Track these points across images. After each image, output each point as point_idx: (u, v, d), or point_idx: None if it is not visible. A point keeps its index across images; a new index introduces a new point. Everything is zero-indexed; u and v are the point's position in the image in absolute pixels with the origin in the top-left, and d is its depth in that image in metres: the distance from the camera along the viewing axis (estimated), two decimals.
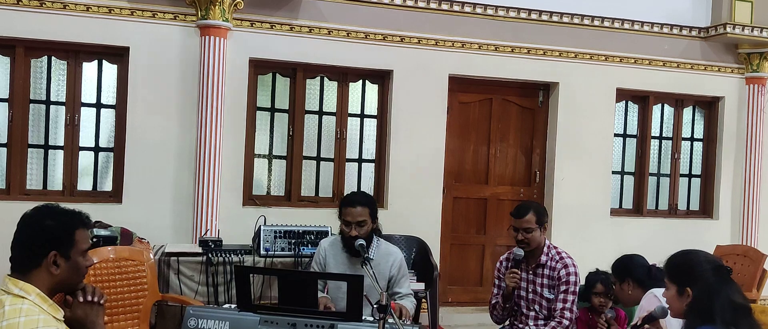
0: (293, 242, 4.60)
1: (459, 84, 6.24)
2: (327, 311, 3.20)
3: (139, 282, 3.93)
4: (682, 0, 6.70)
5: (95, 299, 2.20)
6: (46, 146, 5.38)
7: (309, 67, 5.87)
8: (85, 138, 5.44)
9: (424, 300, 4.79)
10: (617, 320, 3.51)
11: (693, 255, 2.56)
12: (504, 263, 3.89)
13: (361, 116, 6.11)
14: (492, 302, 3.87)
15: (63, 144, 5.39)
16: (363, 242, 3.46)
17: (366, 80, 6.10)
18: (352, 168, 6.11)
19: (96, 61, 5.45)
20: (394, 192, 5.98)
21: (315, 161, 6.01)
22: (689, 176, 7.12)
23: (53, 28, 5.15)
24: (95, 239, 4.20)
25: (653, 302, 2.97)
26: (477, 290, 6.43)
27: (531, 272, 3.74)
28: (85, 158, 5.46)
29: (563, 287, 3.62)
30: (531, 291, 3.74)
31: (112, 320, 3.73)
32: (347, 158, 6.07)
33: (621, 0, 6.48)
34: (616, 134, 6.75)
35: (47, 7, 5.12)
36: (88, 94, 5.43)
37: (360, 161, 6.13)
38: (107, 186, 5.52)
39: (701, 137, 7.13)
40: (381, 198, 6.01)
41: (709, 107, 7.09)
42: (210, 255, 4.45)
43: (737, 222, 6.92)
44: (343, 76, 6.01)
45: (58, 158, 5.41)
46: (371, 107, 6.14)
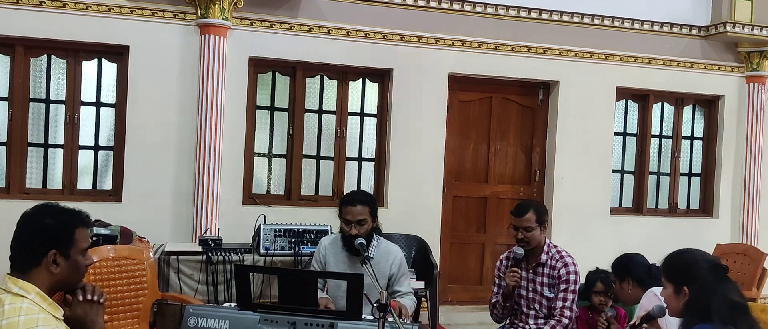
0: (293, 241, 4.60)
1: (459, 83, 6.24)
2: (327, 310, 3.20)
3: (139, 281, 3.92)
4: None
5: (95, 298, 2.20)
6: (45, 145, 5.38)
7: (309, 66, 5.86)
8: (85, 137, 5.44)
9: (424, 299, 4.79)
10: (617, 319, 3.51)
11: (689, 253, 2.56)
12: (504, 262, 3.89)
13: (361, 114, 6.11)
14: (492, 301, 3.87)
15: (63, 143, 5.39)
16: (363, 240, 3.46)
17: (366, 79, 6.09)
18: (352, 167, 6.11)
19: (96, 60, 5.45)
20: (394, 191, 5.98)
21: (315, 160, 6.00)
22: (689, 174, 7.12)
23: (53, 26, 5.15)
24: (95, 237, 4.20)
25: (653, 301, 2.97)
26: (477, 289, 6.44)
27: (531, 271, 3.74)
28: (85, 157, 5.46)
29: (563, 285, 3.62)
30: (531, 289, 3.73)
31: (111, 319, 3.73)
32: (347, 156, 6.07)
33: None
34: (616, 133, 6.75)
35: (47, 6, 5.12)
36: (87, 92, 5.43)
37: (360, 160, 6.13)
38: (107, 185, 5.53)
39: (701, 136, 7.13)
40: (381, 197, 6.01)
41: (709, 106, 7.09)
42: (210, 253, 4.45)
43: (737, 221, 6.92)
44: (343, 74, 6.01)
45: (57, 157, 5.41)
46: (371, 106, 6.13)
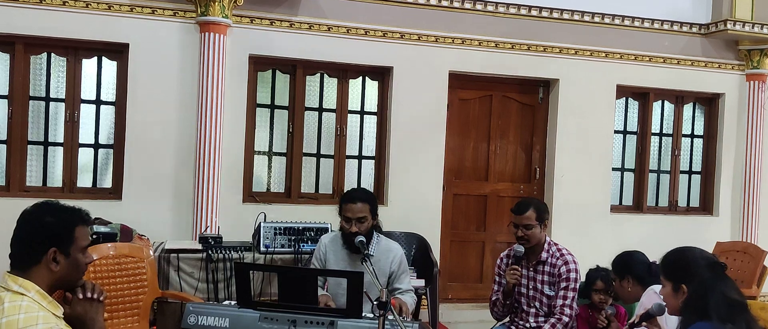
0: (293, 239, 4.60)
1: (459, 81, 6.23)
2: (327, 308, 3.20)
3: (139, 279, 3.92)
4: None
5: (95, 296, 2.20)
6: (45, 143, 5.38)
7: (309, 64, 5.86)
8: (85, 135, 5.43)
9: (424, 297, 4.79)
10: (617, 316, 3.51)
11: (688, 252, 2.57)
12: (504, 259, 3.89)
13: (361, 112, 6.10)
14: (492, 298, 3.87)
15: (63, 141, 5.39)
16: (363, 238, 3.46)
17: (366, 77, 6.09)
18: (352, 165, 6.11)
19: (95, 58, 5.44)
20: (394, 189, 5.98)
21: (315, 158, 6.00)
22: (689, 172, 7.12)
23: (53, 24, 5.15)
24: (95, 236, 4.20)
25: (653, 299, 2.98)
26: (477, 287, 6.44)
27: (531, 269, 3.74)
28: (85, 155, 5.46)
29: (563, 284, 3.62)
30: (531, 287, 3.74)
31: (111, 317, 3.73)
32: (347, 154, 6.06)
33: None
34: (616, 131, 6.74)
35: (47, 4, 5.12)
36: (87, 90, 5.43)
37: (360, 158, 6.13)
38: (107, 183, 5.52)
39: (701, 134, 7.13)
40: (381, 195, 6.00)
41: (710, 104, 7.09)
42: (210, 251, 4.45)
43: (737, 219, 6.92)
44: (343, 72, 6.00)
45: (57, 155, 5.41)
46: (371, 104, 6.13)
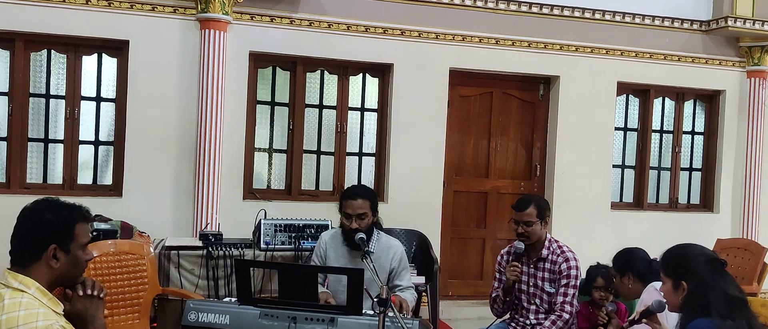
0: (293, 235, 4.60)
1: (459, 77, 6.22)
2: (327, 304, 3.20)
3: (140, 276, 3.92)
4: None
5: (95, 293, 2.19)
6: (46, 140, 5.37)
7: (309, 61, 5.85)
8: (85, 132, 5.43)
9: (424, 294, 4.79)
10: (617, 313, 3.51)
11: (688, 248, 2.57)
12: (505, 256, 3.89)
13: (362, 109, 6.10)
14: (492, 295, 3.87)
15: (63, 138, 5.39)
16: (363, 235, 3.46)
17: (366, 74, 6.08)
18: (352, 162, 6.11)
19: (96, 55, 5.43)
20: (394, 186, 5.98)
21: (315, 155, 6.00)
22: (690, 169, 7.11)
23: (53, 21, 5.14)
24: (95, 232, 4.20)
25: (653, 295, 2.97)
26: (477, 284, 6.44)
27: (532, 265, 3.74)
28: (85, 152, 5.46)
29: (564, 280, 3.62)
30: (532, 284, 3.73)
31: (112, 314, 3.73)
32: (347, 151, 6.06)
33: None
34: (616, 128, 6.74)
35: (47, 1, 5.11)
36: (87, 87, 5.43)
37: (360, 155, 6.12)
38: (107, 180, 5.52)
39: (702, 131, 7.12)
40: (381, 192, 6.00)
41: (710, 101, 7.08)
42: (210, 248, 4.45)
43: (738, 216, 6.92)
44: (344, 69, 6.00)
45: (58, 152, 5.40)
46: (371, 101, 6.12)
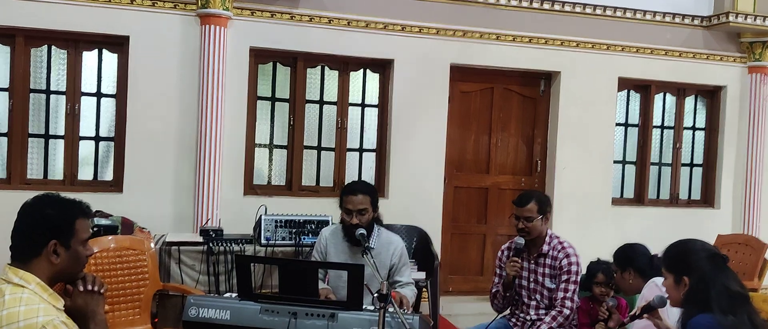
0: (294, 231, 4.60)
1: (460, 73, 6.22)
2: (327, 300, 3.21)
3: (140, 272, 3.92)
4: None
5: (95, 288, 2.20)
6: (46, 136, 5.37)
7: (310, 57, 5.85)
8: (86, 128, 5.43)
9: (424, 290, 4.79)
10: (618, 309, 3.51)
11: (690, 244, 2.57)
12: (505, 252, 3.88)
13: (362, 105, 6.09)
14: (492, 291, 3.87)
15: (63, 134, 5.38)
16: (364, 231, 3.46)
17: (367, 69, 6.07)
18: (352, 158, 6.10)
19: (96, 51, 5.43)
20: (395, 182, 5.97)
21: (316, 151, 6.00)
22: (691, 165, 7.11)
23: (53, 17, 5.13)
24: (96, 228, 4.21)
25: (654, 291, 2.98)
26: (478, 279, 6.44)
27: (532, 261, 3.74)
28: (86, 148, 5.46)
29: (564, 276, 3.62)
30: (532, 280, 3.73)
31: (113, 309, 3.73)
32: (348, 147, 6.06)
33: None
34: (617, 123, 6.73)
35: None
36: (88, 83, 5.42)
37: (361, 151, 6.12)
38: (108, 176, 5.52)
39: (703, 127, 7.12)
40: (382, 188, 6.00)
41: (711, 97, 7.07)
42: (211, 244, 4.45)
43: (739, 211, 6.92)
44: (344, 65, 5.99)
45: (58, 148, 5.40)
46: (372, 97, 6.12)
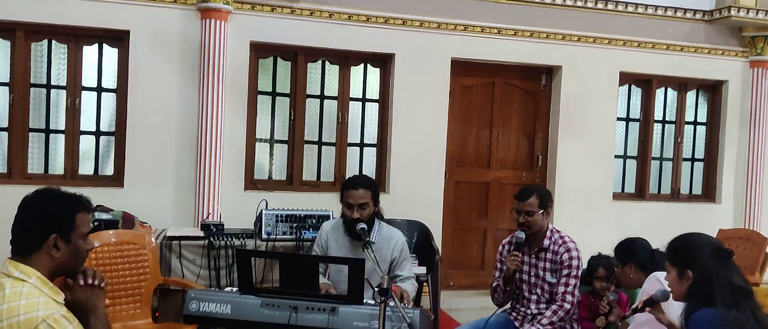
0: (295, 226, 4.61)
1: (461, 67, 6.20)
2: (328, 294, 3.21)
3: (141, 266, 3.93)
4: None
5: (96, 282, 2.20)
6: (47, 130, 5.37)
7: (310, 51, 5.83)
8: (86, 122, 5.43)
9: (425, 284, 4.79)
10: (619, 303, 3.51)
11: (694, 237, 2.57)
12: (506, 246, 3.88)
13: (363, 100, 6.09)
14: (493, 285, 3.87)
15: (64, 128, 5.38)
16: (365, 225, 3.46)
17: (368, 64, 6.06)
18: (353, 152, 6.10)
19: (96, 45, 5.42)
20: (395, 176, 5.97)
21: (316, 146, 5.99)
22: (692, 160, 7.10)
23: (53, 11, 5.12)
24: (97, 223, 4.21)
25: (656, 285, 2.97)
26: (478, 274, 6.45)
27: (533, 255, 3.74)
28: (86, 142, 5.46)
29: (565, 271, 3.62)
30: (533, 274, 3.73)
31: (113, 303, 3.73)
32: (349, 142, 6.05)
33: None
34: (619, 118, 6.72)
35: None
36: (88, 78, 5.42)
37: (362, 146, 6.12)
38: (108, 170, 5.52)
39: (704, 121, 7.11)
40: (383, 182, 6.00)
41: (713, 91, 7.06)
42: (212, 238, 4.47)
43: (740, 206, 6.92)
44: (345, 59, 5.98)
45: (59, 142, 5.40)
46: (373, 91, 6.11)
